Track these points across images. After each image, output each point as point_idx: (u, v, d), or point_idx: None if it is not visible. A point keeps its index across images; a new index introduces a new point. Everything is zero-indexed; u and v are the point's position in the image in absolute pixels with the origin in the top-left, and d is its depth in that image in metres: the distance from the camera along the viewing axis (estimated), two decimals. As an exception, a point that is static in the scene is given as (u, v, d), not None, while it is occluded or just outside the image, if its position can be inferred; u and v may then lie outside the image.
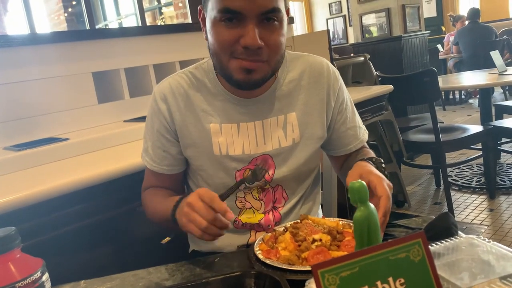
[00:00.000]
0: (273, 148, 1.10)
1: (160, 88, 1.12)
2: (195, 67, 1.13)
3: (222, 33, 0.94)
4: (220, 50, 0.96)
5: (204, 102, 1.09)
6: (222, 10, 0.92)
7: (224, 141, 1.08)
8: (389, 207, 0.84)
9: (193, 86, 1.10)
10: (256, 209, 1.13)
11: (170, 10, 6.20)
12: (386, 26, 5.23)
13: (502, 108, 3.83)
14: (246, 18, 0.92)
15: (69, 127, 1.96)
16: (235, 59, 0.96)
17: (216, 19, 0.94)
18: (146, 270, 0.94)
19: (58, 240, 1.29)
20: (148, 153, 1.15)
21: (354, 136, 1.18)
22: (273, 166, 1.10)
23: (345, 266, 0.49)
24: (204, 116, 1.09)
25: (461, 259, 0.67)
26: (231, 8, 0.91)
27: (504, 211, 3.02)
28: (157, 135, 1.12)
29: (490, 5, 9.46)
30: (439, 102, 6.76)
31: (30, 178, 1.44)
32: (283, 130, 1.10)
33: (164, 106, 1.10)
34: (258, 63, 0.96)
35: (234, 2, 0.91)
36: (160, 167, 1.13)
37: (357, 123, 1.19)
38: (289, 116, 1.10)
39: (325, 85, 1.13)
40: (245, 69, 0.96)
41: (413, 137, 3.20)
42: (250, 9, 0.91)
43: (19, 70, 1.83)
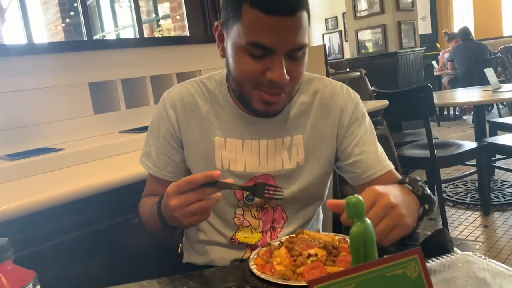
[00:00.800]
0: (275, 168, 1.08)
1: (170, 95, 1.12)
2: (207, 78, 1.13)
3: (248, 64, 0.92)
4: (243, 79, 0.95)
5: (212, 114, 1.09)
6: (252, 44, 0.90)
7: (227, 156, 1.07)
8: (379, 213, 0.78)
9: (203, 97, 1.10)
10: (254, 227, 1.11)
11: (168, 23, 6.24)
12: (381, 42, 5.29)
13: (496, 124, 3.86)
14: (275, 53, 0.90)
15: (64, 137, 1.95)
16: (257, 90, 0.95)
17: (243, 48, 0.92)
18: (139, 283, 0.93)
19: (51, 251, 1.28)
20: (151, 157, 1.13)
21: (374, 160, 1.08)
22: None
23: (342, 282, 0.49)
24: (210, 128, 1.08)
25: (457, 276, 0.67)
26: (262, 44, 0.89)
27: (498, 228, 3.02)
28: (163, 141, 1.11)
29: (484, 24, 9.59)
30: (434, 118, 6.79)
31: (24, 188, 1.43)
32: (288, 152, 1.08)
33: (173, 113, 1.09)
34: (279, 96, 0.96)
35: (266, 39, 0.89)
36: (163, 173, 1.12)
37: (378, 150, 1.10)
38: (295, 139, 1.08)
39: (337, 107, 1.10)
40: (266, 102, 0.96)
41: (408, 153, 3.21)
42: (281, 46, 0.90)
43: (15, 80, 1.82)
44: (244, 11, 0.89)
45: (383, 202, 0.79)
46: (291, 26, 0.90)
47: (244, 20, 0.90)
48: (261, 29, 0.89)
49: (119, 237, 1.50)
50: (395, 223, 0.78)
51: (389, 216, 0.78)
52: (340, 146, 1.11)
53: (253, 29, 0.89)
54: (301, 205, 1.14)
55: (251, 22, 0.89)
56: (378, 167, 1.08)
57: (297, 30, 0.91)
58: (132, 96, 2.26)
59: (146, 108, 2.26)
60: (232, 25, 0.93)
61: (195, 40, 2.56)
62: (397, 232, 0.79)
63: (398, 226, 0.79)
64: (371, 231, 0.61)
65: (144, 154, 1.15)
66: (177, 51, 2.42)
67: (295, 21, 0.89)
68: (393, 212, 0.79)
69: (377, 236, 0.76)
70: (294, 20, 0.89)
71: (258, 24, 0.88)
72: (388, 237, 0.78)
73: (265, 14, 0.87)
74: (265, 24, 0.88)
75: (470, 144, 3.21)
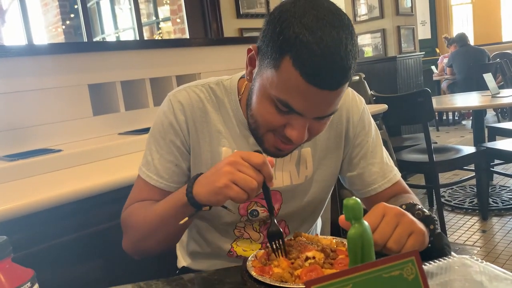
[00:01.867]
0: (284, 184, 1.04)
1: (177, 98, 1.02)
2: (216, 83, 1.04)
3: (271, 114, 0.86)
4: (262, 123, 0.89)
5: (220, 123, 1.02)
6: (281, 102, 0.82)
7: None
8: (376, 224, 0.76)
9: (212, 103, 1.02)
10: (254, 239, 1.09)
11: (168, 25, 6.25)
12: (381, 46, 5.30)
13: (495, 130, 3.87)
14: (302, 115, 0.84)
15: (63, 138, 1.95)
16: (273, 135, 0.90)
17: (270, 98, 0.84)
18: (137, 284, 0.93)
19: (48, 252, 1.28)
20: (153, 167, 1.02)
21: (379, 173, 1.06)
22: (279, 201, 1.05)
23: (339, 283, 0.49)
24: (218, 137, 1.01)
25: (454, 279, 0.67)
26: (291, 107, 0.82)
27: (496, 233, 3.02)
28: (170, 147, 1.01)
29: (484, 29, 9.62)
30: (432, 123, 6.80)
31: (22, 189, 1.43)
32: (296, 167, 1.04)
33: (182, 117, 1.00)
34: (292, 145, 0.92)
35: (298, 104, 0.81)
36: (168, 183, 1.01)
37: (384, 160, 1.08)
38: (304, 152, 1.04)
39: (344, 117, 1.06)
40: (278, 148, 0.92)
41: (406, 157, 3.22)
42: (312, 113, 0.84)
43: (15, 80, 1.83)
44: (284, 64, 0.79)
45: (393, 212, 0.78)
46: (330, 98, 0.82)
47: (281, 74, 0.80)
48: (296, 93, 0.80)
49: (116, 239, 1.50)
50: (409, 230, 0.77)
51: (402, 224, 0.77)
52: (347, 156, 1.09)
53: (287, 88, 0.81)
54: (304, 218, 1.13)
55: (288, 80, 0.80)
56: (383, 180, 1.06)
57: (333, 102, 0.84)
58: (132, 98, 2.26)
59: (146, 110, 2.26)
60: (267, 66, 0.83)
61: (195, 43, 2.57)
62: (414, 239, 0.77)
63: (413, 233, 0.77)
64: (369, 233, 0.61)
65: (144, 164, 1.04)
66: (177, 54, 2.43)
67: (335, 94, 0.82)
68: (404, 219, 0.78)
69: (395, 245, 0.75)
70: (335, 93, 0.81)
71: (295, 87, 0.80)
72: (406, 246, 0.76)
73: (306, 81, 0.78)
74: (302, 91, 0.79)
75: (469, 149, 3.22)
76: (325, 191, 1.12)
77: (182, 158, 1.03)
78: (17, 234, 1.20)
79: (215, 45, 2.63)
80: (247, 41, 2.87)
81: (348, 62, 0.79)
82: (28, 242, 1.23)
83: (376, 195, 1.06)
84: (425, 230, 0.82)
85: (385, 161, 1.08)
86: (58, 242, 1.31)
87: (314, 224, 1.19)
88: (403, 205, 0.87)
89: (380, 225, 0.76)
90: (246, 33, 3.57)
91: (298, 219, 1.11)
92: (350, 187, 1.13)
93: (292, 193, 1.06)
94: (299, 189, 1.06)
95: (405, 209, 0.84)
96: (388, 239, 0.75)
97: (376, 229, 0.76)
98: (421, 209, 0.87)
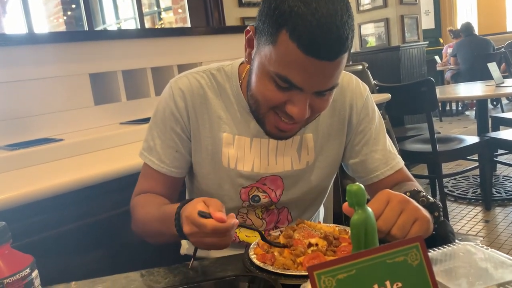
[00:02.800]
0: (284, 169, 1.04)
1: (178, 84, 1.03)
2: (217, 69, 1.05)
3: (271, 91, 0.85)
4: (262, 102, 0.89)
5: (221, 109, 1.02)
6: (280, 77, 0.82)
7: (235, 154, 1.02)
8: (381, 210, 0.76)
9: (213, 89, 1.03)
10: (257, 226, 1.09)
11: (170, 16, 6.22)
12: (384, 36, 5.26)
13: (498, 120, 3.84)
14: (302, 90, 0.83)
15: (64, 128, 1.94)
16: (274, 114, 0.90)
17: (269, 75, 0.84)
18: (139, 272, 0.93)
19: (49, 241, 1.27)
20: (155, 152, 1.04)
21: (382, 160, 1.05)
22: (281, 187, 1.05)
23: (342, 268, 0.48)
24: (219, 123, 1.02)
25: (458, 266, 0.66)
26: (291, 81, 0.82)
27: (499, 223, 3.01)
28: (170, 134, 1.03)
29: (488, 19, 9.54)
30: (436, 114, 6.77)
31: (23, 178, 1.42)
32: (297, 152, 1.04)
33: (183, 103, 1.02)
34: (294, 125, 0.91)
35: (297, 78, 0.81)
36: (169, 168, 1.04)
37: (387, 147, 1.07)
38: (305, 137, 1.04)
39: (347, 103, 1.05)
40: (279, 128, 0.91)
41: (409, 147, 3.20)
42: (311, 87, 0.83)
43: (15, 70, 1.81)
44: (281, 38, 0.79)
45: (397, 199, 0.77)
46: (329, 70, 0.81)
47: (279, 48, 0.80)
48: (294, 67, 0.80)
49: (118, 228, 1.50)
50: (413, 217, 0.76)
51: (406, 211, 0.76)
52: (350, 143, 1.08)
53: (286, 63, 0.81)
54: (307, 205, 1.13)
55: (286, 54, 0.80)
56: (385, 167, 1.05)
57: (333, 74, 0.83)
58: (133, 87, 2.25)
59: (147, 100, 2.24)
60: (265, 43, 0.84)
61: (197, 32, 2.55)
62: (419, 226, 0.76)
63: (418, 220, 0.77)
64: (372, 219, 0.60)
65: (146, 149, 1.06)
66: (178, 43, 2.41)
67: (334, 65, 0.81)
68: (408, 206, 0.77)
69: (399, 232, 0.74)
70: (333, 65, 0.81)
71: (293, 60, 0.79)
72: (411, 232, 0.75)
73: (303, 53, 0.78)
74: (301, 63, 0.79)
75: (472, 139, 3.20)
76: (327, 178, 1.11)
77: (182, 144, 1.04)
78: (18, 222, 1.20)
79: (216, 34, 2.61)
80: (249, 30, 2.84)
81: (344, 32, 0.78)
82: (28, 231, 1.23)
83: (379, 182, 1.06)
84: (430, 217, 0.81)
85: (388, 148, 1.08)
86: (59, 231, 1.30)
87: (316, 213, 1.19)
88: (407, 192, 0.87)
89: (384, 212, 0.76)
90: (248, 22, 3.54)
91: (300, 206, 1.11)
92: (353, 174, 1.12)
93: (294, 179, 1.06)
94: (301, 174, 1.06)
95: (409, 196, 0.83)
96: (392, 226, 0.75)
97: (380, 216, 0.75)
98: (426, 196, 0.86)
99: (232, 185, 1.04)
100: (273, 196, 1.06)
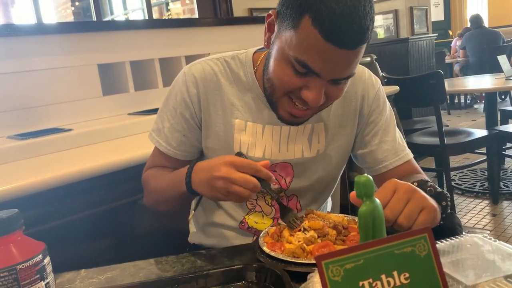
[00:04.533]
0: (295, 157, 1.05)
1: (192, 71, 1.05)
2: (231, 57, 1.06)
3: (288, 76, 0.87)
4: (278, 86, 0.90)
5: (234, 96, 1.04)
6: (299, 62, 0.83)
7: (247, 140, 1.04)
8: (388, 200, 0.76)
9: (227, 76, 1.05)
10: (266, 213, 1.10)
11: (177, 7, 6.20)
12: (393, 27, 5.22)
13: (507, 113, 3.81)
14: (319, 76, 0.84)
15: (73, 118, 1.95)
16: (288, 99, 0.91)
17: (288, 59, 0.85)
18: (147, 261, 0.94)
19: (59, 229, 1.29)
20: (163, 134, 1.07)
21: (391, 151, 1.06)
22: (291, 174, 1.06)
23: (350, 258, 0.48)
24: (232, 110, 1.04)
25: (466, 258, 0.66)
26: (309, 67, 0.83)
27: (507, 217, 3.00)
28: (179, 118, 1.05)
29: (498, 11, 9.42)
30: (444, 107, 6.73)
31: (33, 167, 1.44)
32: (308, 140, 1.05)
33: (194, 90, 1.03)
34: (307, 111, 0.92)
35: (316, 64, 0.82)
36: (175, 151, 1.07)
37: (396, 139, 1.08)
38: (317, 126, 1.05)
39: (359, 94, 1.06)
40: (292, 114, 0.93)
41: (417, 140, 3.19)
42: (329, 74, 0.84)
43: (24, 60, 1.82)
44: (303, 23, 0.80)
45: (404, 188, 0.78)
46: (347, 59, 0.83)
47: (300, 33, 0.81)
48: (314, 53, 0.81)
49: (126, 217, 1.51)
50: (420, 206, 0.77)
51: (413, 199, 0.76)
52: (360, 134, 1.09)
53: (306, 48, 0.81)
54: (316, 194, 1.13)
55: (307, 39, 0.80)
56: (394, 157, 1.06)
57: (351, 63, 0.84)
58: (141, 78, 2.26)
59: (155, 91, 2.25)
60: (286, 28, 0.84)
61: (204, 23, 2.54)
62: (425, 215, 0.76)
63: (424, 209, 0.77)
64: (380, 210, 0.60)
65: (155, 130, 1.10)
66: (186, 34, 2.41)
67: (353, 54, 0.82)
68: (415, 195, 0.77)
69: (405, 221, 0.75)
70: (353, 54, 0.82)
71: (313, 46, 0.80)
72: (417, 221, 0.76)
73: (324, 39, 0.78)
74: (321, 50, 0.80)
75: (481, 132, 3.18)
76: (336, 168, 1.12)
77: (190, 130, 1.07)
78: (28, 211, 1.21)
79: (224, 25, 2.60)
80: (257, 21, 2.83)
81: (366, 22, 0.79)
82: (38, 219, 1.24)
83: (387, 173, 1.07)
84: (437, 206, 0.81)
85: (397, 140, 1.08)
86: (68, 220, 1.32)
87: (324, 203, 1.20)
88: (414, 181, 0.87)
89: (391, 201, 0.76)
90: (256, 13, 3.53)
91: (309, 195, 1.12)
92: (361, 165, 1.13)
93: (304, 167, 1.07)
94: (311, 163, 1.07)
95: (417, 186, 0.84)
96: (399, 215, 0.75)
97: (387, 205, 0.75)
98: (433, 186, 0.87)
99: None
100: (282, 183, 1.07)
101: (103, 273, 0.90)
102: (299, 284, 0.69)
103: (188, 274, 0.79)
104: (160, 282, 0.78)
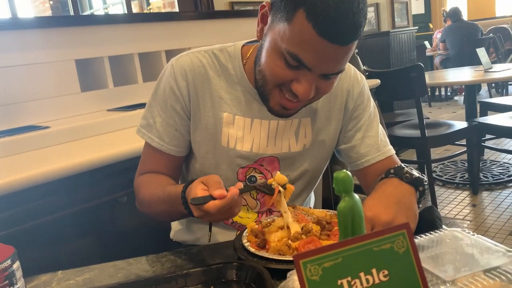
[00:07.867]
0: (282, 151, 1.06)
1: (180, 63, 1.03)
2: (219, 50, 1.06)
3: (279, 68, 0.87)
4: (270, 78, 0.90)
5: (222, 89, 1.03)
6: (291, 55, 0.83)
7: (234, 134, 1.03)
8: None
9: (215, 69, 1.04)
10: (251, 207, 1.10)
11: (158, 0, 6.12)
12: (374, 21, 5.24)
13: (486, 105, 3.87)
14: (310, 70, 0.85)
15: (50, 115, 1.91)
16: (279, 91, 0.91)
17: (280, 52, 0.85)
18: (126, 261, 0.92)
19: (35, 230, 1.26)
20: (155, 129, 1.05)
21: (374, 146, 1.07)
22: (277, 168, 1.07)
23: (328, 256, 0.48)
24: (220, 103, 1.03)
25: (445, 252, 0.66)
26: (301, 60, 0.83)
27: (486, 207, 3.05)
28: (171, 112, 1.04)
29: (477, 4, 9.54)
30: (425, 99, 6.80)
31: (9, 166, 1.40)
32: (295, 135, 1.06)
33: (184, 83, 1.02)
34: (298, 103, 0.93)
35: (308, 57, 0.83)
36: (169, 146, 1.05)
37: (379, 135, 1.09)
38: (303, 121, 1.06)
39: (344, 90, 1.07)
40: (283, 106, 0.93)
41: (398, 132, 3.22)
42: (320, 68, 0.85)
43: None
44: (297, 17, 0.80)
45: (380, 223, 0.80)
46: (339, 54, 0.84)
47: (294, 27, 0.81)
48: (307, 46, 0.81)
49: (106, 216, 1.49)
50: None
51: None
52: (343, 128, 1.10)
53: (299, 41, 0.82)
54: (301, 189, 1.13)
55: (300, 33, 0.81)
56: (376, 153, 1.07)
57: (342, 59, 0.85)
58: (120, 73, 2.22)
59: (135, 86, 2.21)
60: (280, 20, 0.84)
61: (185, 17, 2.51)
62: None
63: None
64: (359, 206, 0.60)
65: (144, 126, 1.07)
66: (166, 28, 2.37)
67: (345, 50, 0.83)
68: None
69: None
70: (344, 50, 0.83)
71: (306, 40, 0.81)
72: None
73: (317, 34, 0.79)
74: (314, 44, 0.81)
75: (461, 124, 3.22)
76: (321, 162, 1.12)
77: (182, 123, 1.05)
78: (3, 212, 1.18)
79: (205, 19, 2.57)
80: (238, 14, 2.81)
81: (359, 19, 0.80)
82: (13, 220, 1.21)
83: (369, 168, 1.07)
84: (415, 216, 0.85)
85: (380, 136, 1.09)
86: (46, 220, 1.29)
87: (308, 197, 1.20)
88: (391, 169, 0.90)
89: None
90: (237, 7, 3.50)
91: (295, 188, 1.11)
92: (344, 159, 1.14)
93: (290, 161, 1.07)
94: (297, 157, 1.08)
95: (393, 173, 0.89)
96: None
97: None
98: (409, 171, 0.89)
99: (230, 165, 1.05)
100: (269, 177, 1.07)
101: (81, 274, 0.88)
102: (280, 281, 0.69)
103: (168, 274, 0.78)
104: (138, 283, 0.77)
